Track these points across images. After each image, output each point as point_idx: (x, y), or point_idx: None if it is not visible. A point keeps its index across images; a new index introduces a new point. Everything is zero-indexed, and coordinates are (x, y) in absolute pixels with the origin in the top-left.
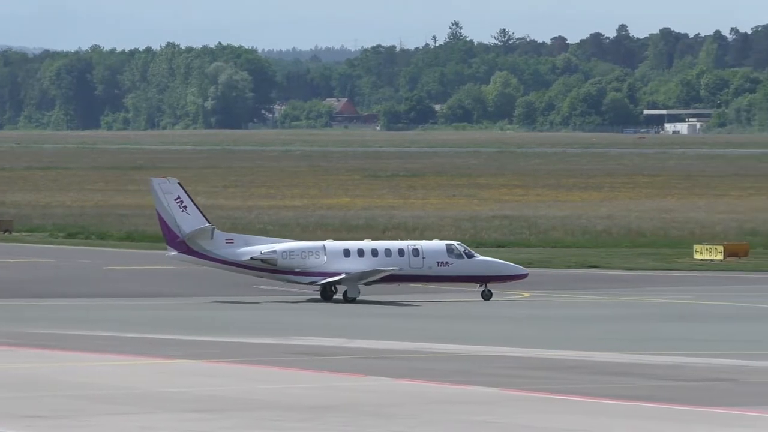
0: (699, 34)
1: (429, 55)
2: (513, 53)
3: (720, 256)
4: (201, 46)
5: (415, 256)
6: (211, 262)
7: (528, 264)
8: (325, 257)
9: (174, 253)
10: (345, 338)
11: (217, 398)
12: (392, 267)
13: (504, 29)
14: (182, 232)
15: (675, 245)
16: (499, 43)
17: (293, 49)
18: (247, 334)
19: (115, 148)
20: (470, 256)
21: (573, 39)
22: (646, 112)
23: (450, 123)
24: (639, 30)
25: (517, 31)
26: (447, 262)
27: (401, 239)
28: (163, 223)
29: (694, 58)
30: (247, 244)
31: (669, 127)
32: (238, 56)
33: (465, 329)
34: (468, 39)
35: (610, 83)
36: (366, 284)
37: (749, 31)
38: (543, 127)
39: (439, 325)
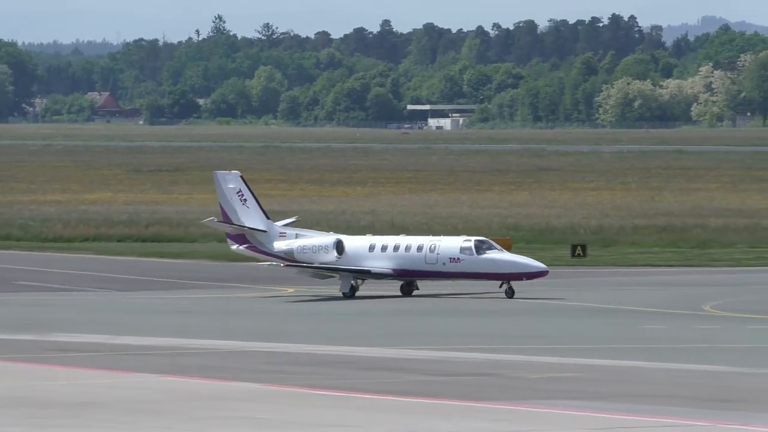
0: (462, 29)
1: (192, 49)
2: (277, 48)
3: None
4: None
5: (431, 252)
6: (263, 256)
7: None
8: (335, 253)
9: (235, 246)
10: (109, 334)
11: None
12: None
13: (268, 24)
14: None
15: None
16: (262, 38)
17: (54, 42)
18: (6, 331)
19: None
20: (482, 252)
21: (337, 34)
22: (409, 107)
23: (214, 117)
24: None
25: (281, 26)
26: (459, 259)
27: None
28: (225, 216)
29: (457, 54)
30: (297, 238)
31: (432, 122)
32: None
33: (230, 325)
34: (232, 33)
35: (373, 78)
36: (378, 279)
37: (511, 27)
38: (307, 122)
39: (203, 321)
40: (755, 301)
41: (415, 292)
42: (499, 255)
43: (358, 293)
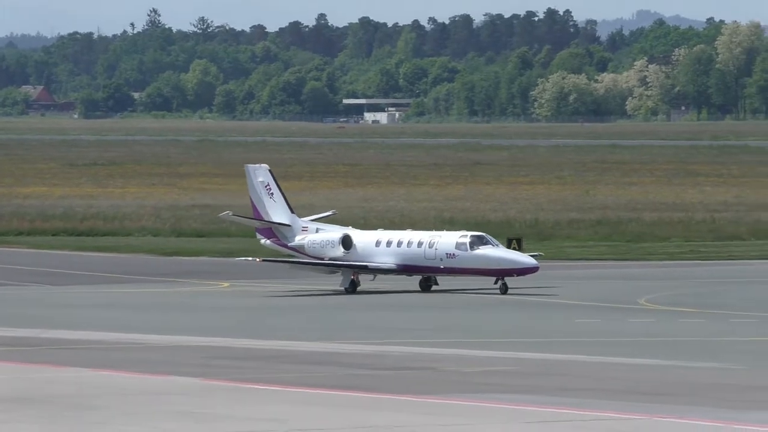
0: (397, 23)
1: (127, 43)
2: (212, 41)
3: None
4: None
5: (430, 247)
6: (286, 251)
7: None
8: (341, 248)
9: (263, 240)
10: (41, 328)
11: None
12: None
13: (203, 17)
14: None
15: None
16: (198, 31)
17: None
18: None
19: None
20: (475, 248)
21: (272, 27)
22: (345, 101)
23: (149, 111)
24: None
25: (216, 19)
26: (454, 255)
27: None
28: (255, 211)
29: (393, 48)
30: (317, 233)
31: (368, 116)
32: None
33: (166, 319)
34: (167, 26)
35: (309, 72)
36: (380, 273)
37: (447, 21)
38: (243, 116)
39: (140, 316)
40: (689, 295)
41: (433, 288)
42: (491, 251)
43: (360, 288)
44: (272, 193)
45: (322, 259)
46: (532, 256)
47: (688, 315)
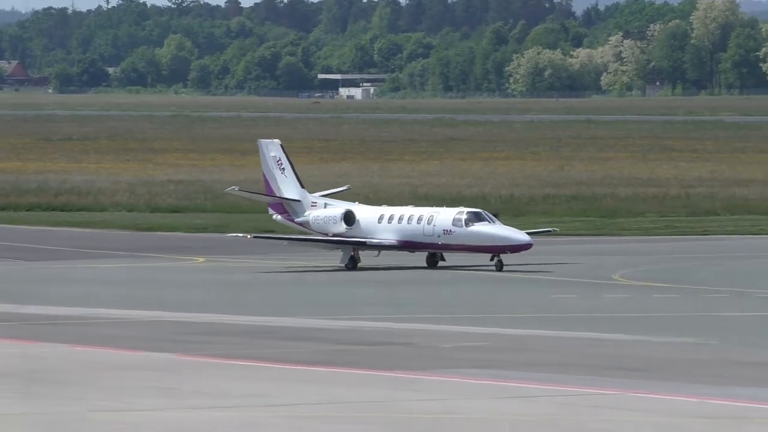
0: None
1: (102, 18)
2: (187, 16)
3: None
4: None
5: (428, 224)
6: (296, 226)
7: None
8: (343, 224)
9: (275, 216)
10: (17, 303)
11: None
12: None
13: None
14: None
15: None
16: (172, 6)
17: None
18: None
19: None
20: (470, 225)
21: (247, 2)
22: (320, 76)
23: (124, 86)
24: None
25: None
26: (450, 231)
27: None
28: (267, 186)
29: (368, 23)
30: (326, 208)
31: (343, 91)
32: None
33: (141, 294)
34: (141, 1)
35: (284, 47)
36: (381, 250)
37: None
38: (218, 91)
39: (114, 291)
40: (664, 270)
41: (440, 264)
42: (484, 228)
43: (362, 265)
44: (284, 169)
45: (327, 235)
46: (544, 231)
47: (663, 290)
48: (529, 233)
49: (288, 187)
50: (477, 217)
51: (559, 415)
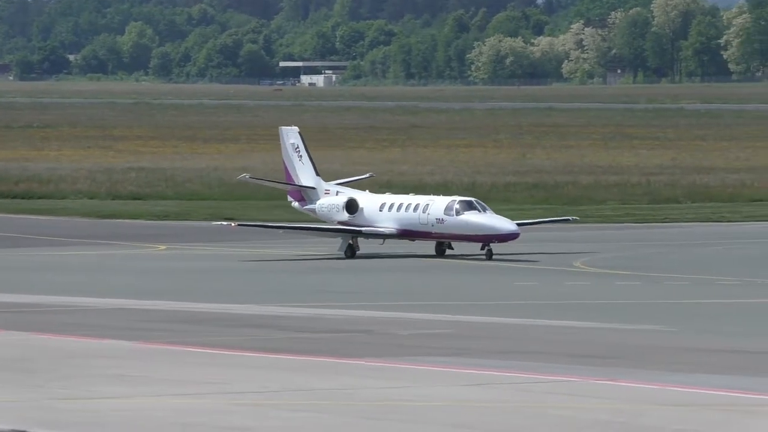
0: None
1: (63, 5)
2: (148, 3)
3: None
4: None
5: (423, 212)
6: (310, 214)
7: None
8: (345, 212)
9: (294, 203)
10: None
11: None
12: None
13: None
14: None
15: None
16: None
17: None
18: None
19: None
20: (460, 213)
21: None
22: (282, 64)
23: (85, 74)
24: None
25: None
26: (443, 220)
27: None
28: (286, 173)
29: (330, 11)
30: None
31: (305, 79)
32: None
33: (102, 282)
34: None
35: (246, 35)
36: (378, 238)
37: None
38: (179, 79)
39: (75, 278)
40: (625, 258)
41: (447, 252)
42: (473, 217)
43: (360, 252)
44: (301, 156)
45: (332, 223)
46: (563, 220)
47: (624, 278)
48: (547, 221)
49: (305, 175)
50: (468, 206)
51: (520, 402)
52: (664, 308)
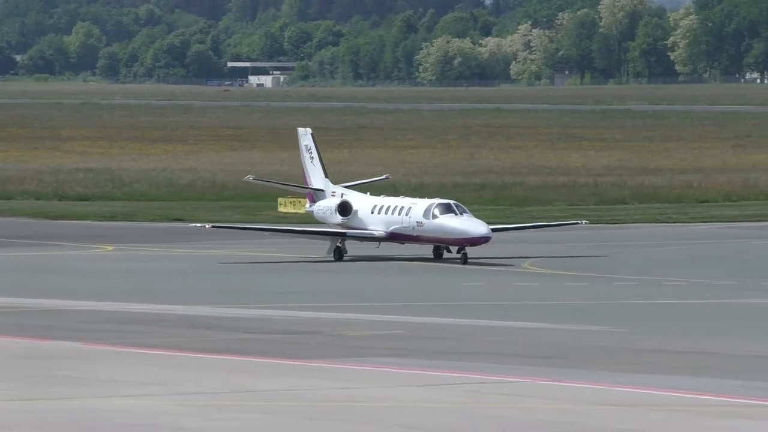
0: None
1: (9, 5)
2: (95, 3)
3: (304, 209)
4: None
5: (406, 215)
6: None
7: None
8: (338, 215)
9: (307, 205)
10: None
11: None
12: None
13: None
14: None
15: (259, 198)
16: None
17: None
18: None
19: None
20: (436, 217)
21: None
22: (230, 64)
23: (31, 74)
24: None
25: None
26: (422, 223)
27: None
28: (304, 175)
29: (278, 11)
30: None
31: (253, 79)
32: None
33: (48, 283)
34: None
35: (194, 35)
36: (365, 241)
37: None
38: (127, 79)
39: (21, 279)
40: (573, 259)
41: (445, 255)
42: (447, 221)
43: (348, 255)
44: (312, 157)
45: (329, 225)
46: (573, 223)
47: (572, 278)
48: (556, 225)
49: (315, 176)
50: (446, 209)
51: (466, 403)
52: (611, 309)
